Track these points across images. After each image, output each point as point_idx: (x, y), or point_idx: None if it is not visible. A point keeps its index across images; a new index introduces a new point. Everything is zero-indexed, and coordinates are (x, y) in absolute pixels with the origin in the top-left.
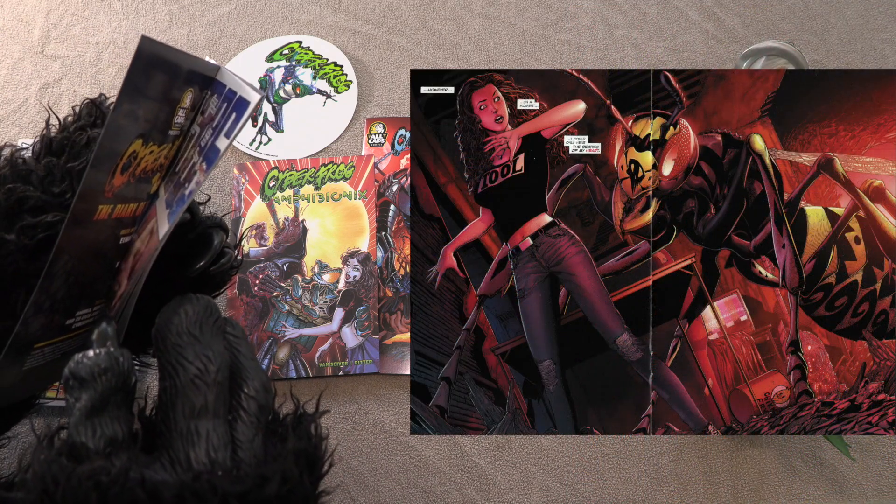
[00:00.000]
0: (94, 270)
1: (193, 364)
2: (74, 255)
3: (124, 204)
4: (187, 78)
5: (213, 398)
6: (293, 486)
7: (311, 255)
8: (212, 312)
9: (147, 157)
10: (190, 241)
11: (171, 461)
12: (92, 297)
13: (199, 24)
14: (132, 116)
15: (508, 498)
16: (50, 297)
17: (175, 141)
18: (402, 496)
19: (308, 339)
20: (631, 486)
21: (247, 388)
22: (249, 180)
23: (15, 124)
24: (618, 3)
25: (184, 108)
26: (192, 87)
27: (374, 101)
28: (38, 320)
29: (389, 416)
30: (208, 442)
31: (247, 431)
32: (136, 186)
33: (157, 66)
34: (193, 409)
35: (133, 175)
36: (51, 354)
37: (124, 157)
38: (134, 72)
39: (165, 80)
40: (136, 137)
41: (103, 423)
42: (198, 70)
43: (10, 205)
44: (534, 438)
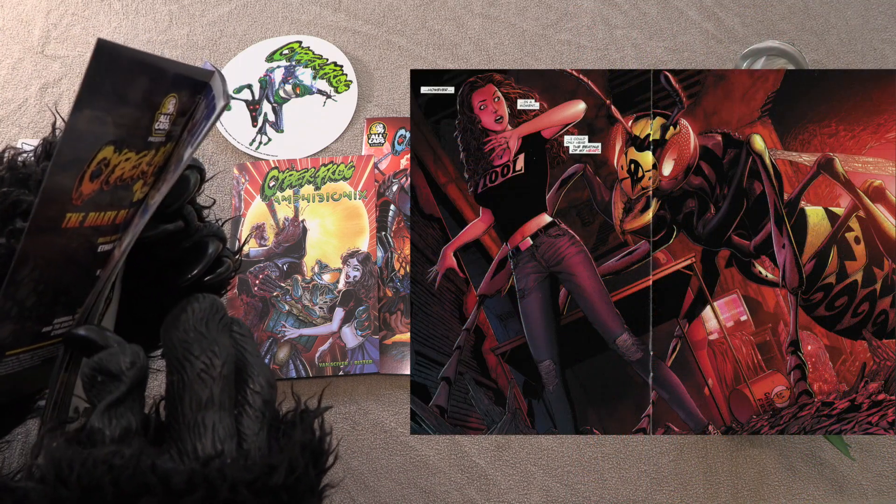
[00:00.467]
0: (69, 278)
1: (200, 359)
2: (42, 263)
3: (99, 212)
4: (174, 82)
5: (219, 391)
6: (300, 476)
7: (311, 255)
8: (218, 310)
9: (123, 165)
10: (185, 249)
11: (180, 452)
12: (72, 305)
13: (199, 24)
14: (98, 122)
15: (508, 498)
16: (17, 304)
17: (162, 147)
18: (402, 496)
19: (308, 339)
20: (631, 486)
21: (252, 383)
22: (249, 180)
23: (15, 124)
24: (618, 3)
25: (166, 113)
26: (176, 93)
27: (374, 101)
28: (5, 327)
29: (389, 416)
30: (214, 433)
31: (252, 425)
32: (112, 194)
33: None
34: (200, 402)
35: (107, 183)
36: (28, 361)
37: (92, 164)
38: (91, 76)
39: (144, 84)
40: (106, 144)
41: (119, 413)
42: (188, 75)
43: (3, 208)
44: (534, 438)
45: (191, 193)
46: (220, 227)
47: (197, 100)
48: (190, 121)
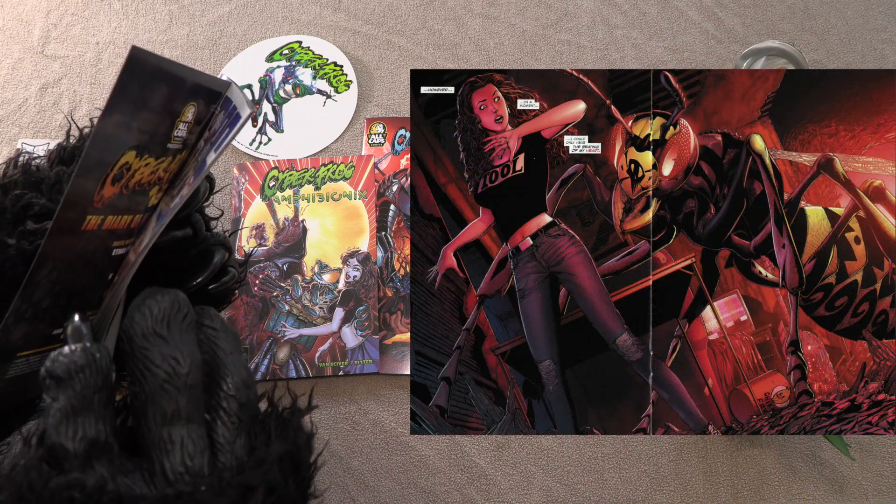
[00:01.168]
0: (84, 281)
1: (161, 368)
2: (60, 264)
3: (117, 215)
4: (192, 91)
5: (186, 402)
6: (279, 496)
7: (311, 255)
8: (180, 308)
9: (143, 170)
10: (192, 258)
11: (150, 472)
12: (83, 308)
13: (199, 24)
14: (124, 127)
15: (508, 498)
16: (32, 306)
17: (178, 154)
18: (402, 496)
19: (308, 339)
20: (631, 486)
21: (225, 385)
22: (249, 180)
23: (15, 124)
24: (618, 3)
25: (185, 121)
26: (195, 101)
27: (374, 101)
28: (19, 329)
29: (389, 416)
30: (183, 449)
31: (227, 434)
32: (130, 198)
33: (151, 77)
34: (165, 416)
35: (126, 187)
36: (37, 364)
37: (115, 167)
38: (123, 82)
39: (165, 91)
40: (130, 149)
41: (86, 423)
42: (205, 85)
43: (16, 210)
44: (534, 438)
45: (200, 202)
46: (227, 237)
47: (212, 109)
48: (206, 130)
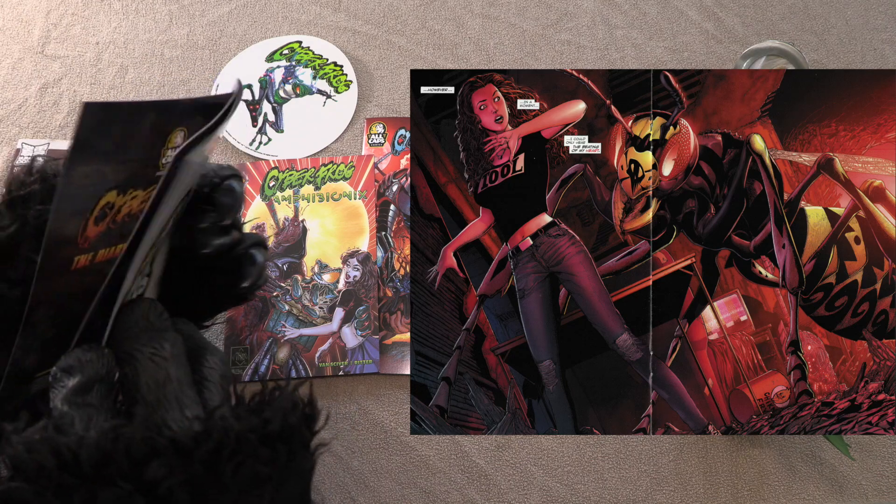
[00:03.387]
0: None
1: (147, 346)
2: (55, 304)
3: (109, 247)
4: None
5: (174, 369)
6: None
7: (311, 255)
8: (160, 310)
9: (130, 203)
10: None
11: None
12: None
13: (199, 24)
14: (96, 174)
15: (508, 498)
16: (38, 339)
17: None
18: (402, 496)
19: (308, 339)
20: (631, 486)
21: (206, 362)
22: (249, 180)
23: (15, 124)
24: (618, 3)
25: (174, 147)
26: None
27: (374, 101)
28: (29, 358)
29: (389, 416)
30: (180, 403)
31: (213, 397)
32: (121, 228)
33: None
34: (158, 382)
35: (113, 221)
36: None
37: (95, 210)
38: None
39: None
40: (108, 190)
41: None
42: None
43: (38, 224)
44: (534, 438)
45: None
46: (261, 235)
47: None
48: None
